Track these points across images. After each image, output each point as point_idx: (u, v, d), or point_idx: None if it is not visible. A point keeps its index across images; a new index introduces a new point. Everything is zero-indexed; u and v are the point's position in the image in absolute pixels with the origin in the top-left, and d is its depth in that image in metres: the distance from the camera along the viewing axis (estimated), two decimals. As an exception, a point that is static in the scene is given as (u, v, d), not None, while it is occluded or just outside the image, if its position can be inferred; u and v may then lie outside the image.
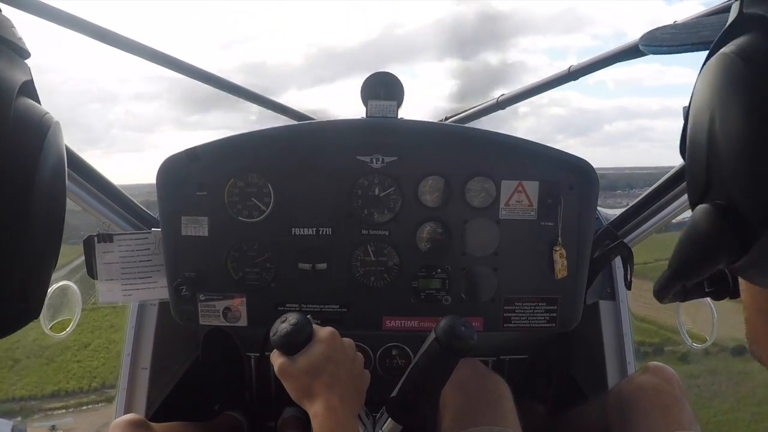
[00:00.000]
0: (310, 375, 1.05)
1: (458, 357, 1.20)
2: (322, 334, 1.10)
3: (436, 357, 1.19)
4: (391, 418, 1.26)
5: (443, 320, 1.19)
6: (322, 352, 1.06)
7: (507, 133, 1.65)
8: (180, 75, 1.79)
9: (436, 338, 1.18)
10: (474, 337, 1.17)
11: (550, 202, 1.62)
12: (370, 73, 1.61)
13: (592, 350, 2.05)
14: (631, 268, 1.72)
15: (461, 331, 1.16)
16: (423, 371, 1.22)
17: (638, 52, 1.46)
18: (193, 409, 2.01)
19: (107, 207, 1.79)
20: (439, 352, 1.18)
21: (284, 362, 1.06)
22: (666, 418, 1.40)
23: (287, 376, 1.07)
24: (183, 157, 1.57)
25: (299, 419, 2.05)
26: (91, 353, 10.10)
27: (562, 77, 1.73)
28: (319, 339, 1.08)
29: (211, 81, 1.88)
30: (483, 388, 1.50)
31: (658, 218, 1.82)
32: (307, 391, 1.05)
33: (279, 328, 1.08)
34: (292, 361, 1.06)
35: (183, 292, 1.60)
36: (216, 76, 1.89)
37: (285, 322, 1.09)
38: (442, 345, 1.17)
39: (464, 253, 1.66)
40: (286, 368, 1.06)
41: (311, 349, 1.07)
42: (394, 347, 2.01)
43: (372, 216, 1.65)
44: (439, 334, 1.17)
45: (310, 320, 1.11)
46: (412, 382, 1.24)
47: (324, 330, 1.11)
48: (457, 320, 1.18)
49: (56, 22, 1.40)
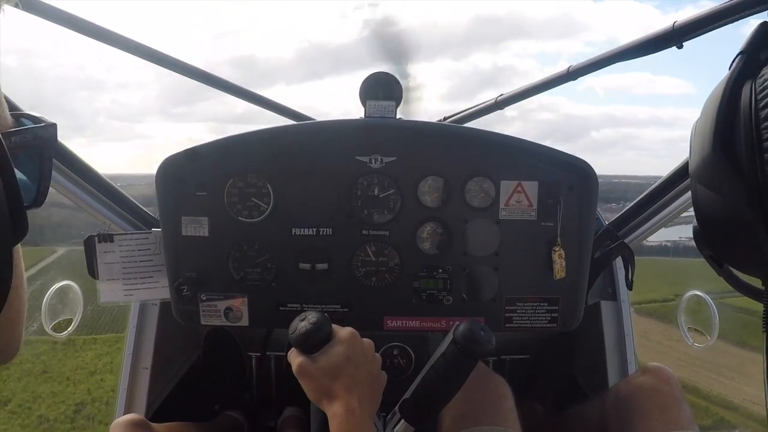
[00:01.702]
0: (330, 375, 1.04)
1: (476, 361, 1.21)
2: (343, 334, 1.09)
3: (453, 360, 1.20)
4: (404, 419, 1.26)
5: (462, 324, 1.19)
6: (343, 352, 1.05)
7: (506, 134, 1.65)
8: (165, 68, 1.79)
9: (453, 341, 1.18)
10: (492, 342, 1.18)
11: (550, 202, 1.62)
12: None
13: (593, 350, 2.05)
14: (632, 269, 1.72)
15: (480, 335, 1.17)
16: (440, 374, 1.22)
17: (637, 54, 1.47)
18: (193, 409, 2.02)
19: (108, 207, 1.80)
20: (456, 356, 1.19)
21: (304, 361, 1.05)
22: (665, 418, 1.40)
23: (306, 375, 1.06)
24: (182, 157, 1.57)
25: (299, 419, 2.05)
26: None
27: (561, 77, 1.73)
28: (340, 339, 1.07)
29: (206, 80, 1.88)
30: (484, 387, 1.50)
31: (659, 218, 1.82)
32: (327, 392, 1.04)
33: (298, 326, 1.07)
34: (311, 361, 1.05)
35: (184, 292, 1.60)
36: (210, 74, 1.90)
37: (304, 320, 1.07)
38: (460, 348, 1.17)
39: (465, 253, 1.66)
40: (306, 367, 1.05)
41: (332, 349, 1.06)
42: (395, 347, 2.01)
43: (372, 216, 1.65)
44: (458, 337, 1.18)
45: (329, 319, 1.10)
46: (428, 385, 1.24)
47: (344, 330, 1.10)
48: (476, 324, 1.19)
49: (44, 17, 1.40)
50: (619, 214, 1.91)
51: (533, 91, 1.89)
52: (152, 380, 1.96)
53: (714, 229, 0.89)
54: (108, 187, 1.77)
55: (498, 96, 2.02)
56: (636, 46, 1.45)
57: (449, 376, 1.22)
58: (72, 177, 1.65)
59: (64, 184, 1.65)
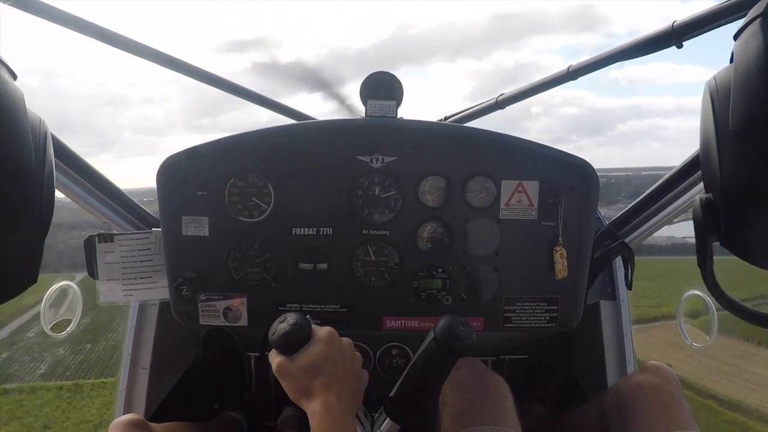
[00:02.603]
0: (308, 374, 1.05)
1: (457, 356, 1.20)
2: (321, 333, 1.10)
3: (434, 356, 1.19)
4: (389, 417, 1.26)
5: (442, 320, 1.18)
6: (321, 351, 1.06)
7: (507, 133, 1.65)
8: (188, 79, 1.81)
9: (434, 338, 1.18)
10: (473, 337, 1.17)
11: (551, 202, 1.62)
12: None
13: (593, 350, 2.05)
14: (632, 268, 1.72)
15: (460, 330, 1.16)
16: (421, 371, 1.22)
17: (637, 53, 1.47)
18: (192, 409, 2.01)
19: (108, 207, 1.79)
20: (437, 352, 1.18)
21: (282, 361, 1.06)
22: (664, 417, 1.40)
23: (285, 375, 1.07)
24: (183, 157, 1.57)
25: (299, 419, 2.05)
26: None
27: (561, 77, 1.73)
28: (318, 338, 1.08)
29: (215, 83, 1.89)
30: (483, 387, 1.50)
31: (659, 218, 1.82)
32: (305, 391, 1.05)
33: (278, 328, 1.08)
34: (290, 361, 1.06)
35: (184, 292, 1.60)
36: (221, 78, 1.91)
37: (284, 322, 1.09)
38: (440, 344, 1.16)
39: (465, 252, 1.66)
40: (284, 367, 1.06)
41: (310, 348, 1.06)
42: (394, 347, 2.01)
43: (372, 216, 1.65)
44: (438, 333, 1.17)
45: (309, 320, 1.11)
46: (410, 382, 1.24)
47: (323, 330, 1.11)
48: (456, 320, 1.18)
49: (63, 25, 1.42)
50: (619, 213, 1.91)
51: (534, 90, 1.90)
52: (151, 380, 1.95)
53: (747, 201, 0.88)
54: (109, 187, 1.77)
55: (498, 96, 2.02)
56: (636, 46, 1.46)
57: (431, 373, 1.21)
58: (73, 176, 1.65)
59: (66, 183, 1.64)
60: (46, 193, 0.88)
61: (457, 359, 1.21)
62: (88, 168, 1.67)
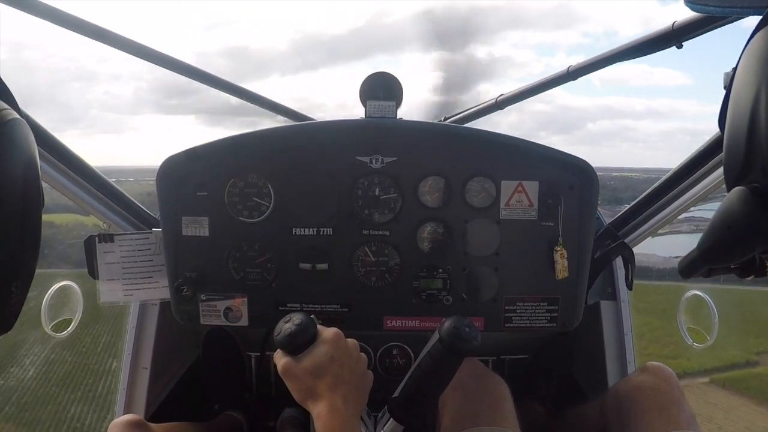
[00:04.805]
0: (314, 375, 1.04)
1: (461, 358, 1.19)
2: (327, 334, 1.09)
3: (439, 358, 1.19)
4: (393, 418, 1.26)
5: (447, 321, 1.18)
6: (327, 352, 1.05)
7: (506, 133, 1.65)
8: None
9: (439, 339, 1.17)
10: (478, 338, 1.16)
11: (551, 202, 1.62)
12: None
13: (593, 350, 2.05)
14: (632, 268, 1.72)
15: (465, 332, 1.15)
16: (426, 372, 1.21)
17: (637, 54, 1.47)
18: (193, 409, 2.02)
19: (108, 207, 1.80)
20: (442, 353, 1.17)
21: (288, 362, 1.06)
22: (664, 418, 1.39)
23: (291, 376, 1.06)
24: (183, 158, 1.57)
25: (299, 419, 2.05)
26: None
27: (561, 77, 1.73)
28: (324, 339, 1.07)
29: (204, 79, 1.89)
30: (483, 388, 1.50)
31: (659, 218, 1.82)
32: (311, 392, 1.05)
33: (283, 328, 1.07)
34: (296, 361, 1.05)
35: (184, 292, 1.60)
36: (209, 74, 1.90)
37: (289, 322, 1.08)
38: (445, 346, 1.16)
39: (465, 253, 1.66)
40: (289, 368, 1.05)
41: (315, 349, 1.06)
42: (394, 347, 2.01)
43: (372, 216, 1.65)
44: (443, 334, 1.16)
45: (314, 320, 1.10)
46: (414, 383, 1.24)
47: (329, 330, 1.10)
48: (461, 321, 1.17)
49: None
50: (619, 213, 1.91)
51: (533, 91, 1.90)
52: (152, 380, 1.95)
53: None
54: (108, 187, 1.77)
55: (498, 96, 2.03)
56: (636, 46, 1.46)
57: (435, 374, 1.21)
58: (72, 177, 1.65)
59: (65, 183, 1.64)
60: (29, 243, 0.72)
61: (462, 361, 1.21)
62: (88, 169, 1.67)
